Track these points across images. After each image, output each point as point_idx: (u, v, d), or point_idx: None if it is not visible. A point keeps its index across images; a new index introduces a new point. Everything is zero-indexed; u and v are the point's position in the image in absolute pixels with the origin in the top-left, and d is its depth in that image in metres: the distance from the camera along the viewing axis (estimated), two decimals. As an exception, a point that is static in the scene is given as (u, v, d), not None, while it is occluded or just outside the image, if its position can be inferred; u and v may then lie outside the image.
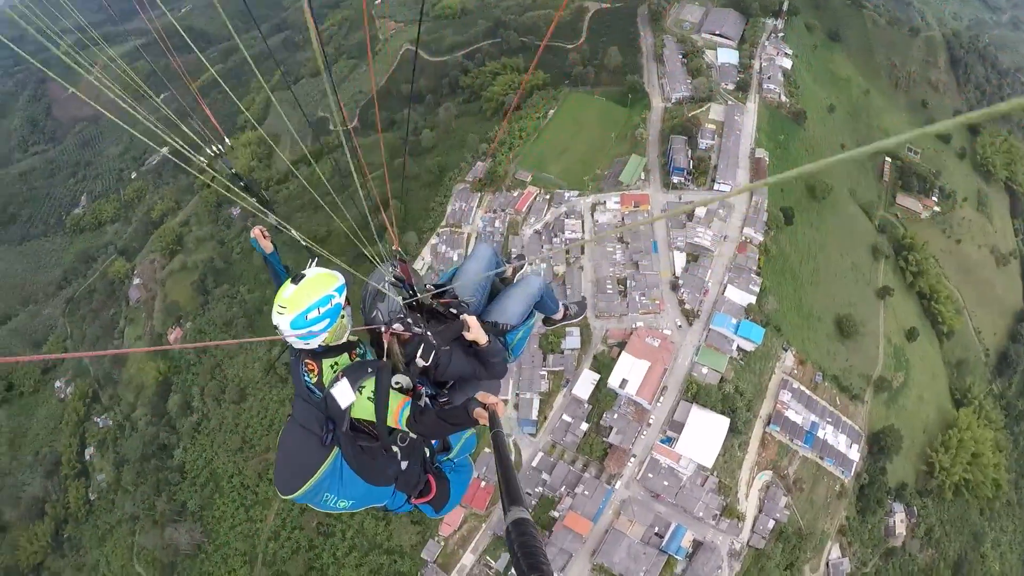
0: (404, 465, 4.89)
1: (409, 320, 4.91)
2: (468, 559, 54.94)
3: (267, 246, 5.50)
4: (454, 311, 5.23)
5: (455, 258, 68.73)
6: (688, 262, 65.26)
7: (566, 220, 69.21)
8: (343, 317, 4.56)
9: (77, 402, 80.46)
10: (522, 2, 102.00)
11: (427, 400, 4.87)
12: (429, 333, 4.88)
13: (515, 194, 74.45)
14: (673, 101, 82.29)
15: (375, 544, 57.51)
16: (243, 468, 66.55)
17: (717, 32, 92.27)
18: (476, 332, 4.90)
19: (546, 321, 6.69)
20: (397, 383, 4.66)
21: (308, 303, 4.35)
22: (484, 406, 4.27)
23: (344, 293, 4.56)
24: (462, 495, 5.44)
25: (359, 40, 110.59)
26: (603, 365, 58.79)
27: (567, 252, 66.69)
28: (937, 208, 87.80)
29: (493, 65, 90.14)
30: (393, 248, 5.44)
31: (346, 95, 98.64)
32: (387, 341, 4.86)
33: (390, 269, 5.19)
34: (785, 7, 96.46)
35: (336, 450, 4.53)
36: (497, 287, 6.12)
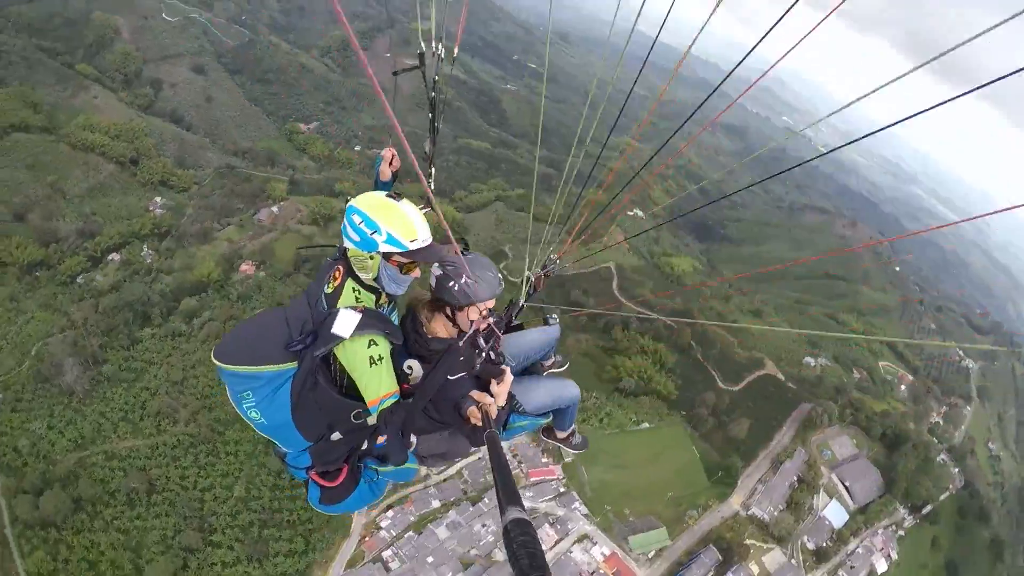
0: (336, 436, 4.44)
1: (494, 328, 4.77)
2: None
3: (386, 173, 4.94)
4: (494, 357, 4.86)
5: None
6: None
7: (547, 527, 65.45)
8: (372, 258, 4.19)
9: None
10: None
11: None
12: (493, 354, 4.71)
13: (542, 461, 70.42)
14: (747, 513, 77.36)
15: None
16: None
17: (846, 484, 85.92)
18: (503, 391, 4.38)
19: (547, 431, 6.15)
20: (409, 368, 4.43)
21: (362, 211, 4.08)
22: (478, 405, 4.03)
23: (396, 246, 4.09)
24: (360, 506, 5.05)
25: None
26: None
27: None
28: None
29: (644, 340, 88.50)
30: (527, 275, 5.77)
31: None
32: (479, 326, 4.63)
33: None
34: (927, 510, 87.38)
35: (293, 365, 4.13)
36: (535, 368, 5.93)
